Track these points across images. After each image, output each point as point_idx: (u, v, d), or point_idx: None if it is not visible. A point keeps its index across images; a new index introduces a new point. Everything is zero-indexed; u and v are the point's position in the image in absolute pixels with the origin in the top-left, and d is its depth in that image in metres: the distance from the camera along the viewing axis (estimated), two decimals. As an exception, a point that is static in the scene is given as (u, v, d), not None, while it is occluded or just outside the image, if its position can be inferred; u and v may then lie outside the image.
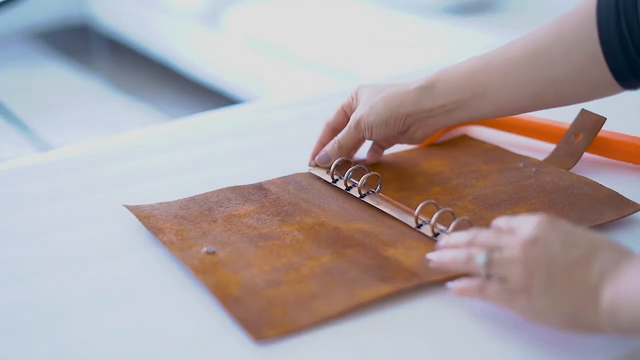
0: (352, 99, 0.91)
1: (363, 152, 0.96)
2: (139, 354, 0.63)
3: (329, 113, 0.94)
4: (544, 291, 0.62)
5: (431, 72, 0.86)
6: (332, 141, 0.91)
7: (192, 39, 3.16)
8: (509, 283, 0.63)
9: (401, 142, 0.91)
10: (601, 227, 0.79)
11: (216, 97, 3.11)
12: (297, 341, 0.63)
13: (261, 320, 0.64)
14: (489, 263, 0.64)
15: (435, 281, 0.69)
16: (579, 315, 0.61)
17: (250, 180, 0.89)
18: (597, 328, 0.61)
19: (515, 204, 0.83)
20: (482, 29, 2.44)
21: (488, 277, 0.65)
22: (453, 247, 0.69)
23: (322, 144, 0.93)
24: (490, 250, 0.65)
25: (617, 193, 0.83)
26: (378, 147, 0.94)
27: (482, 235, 0.67)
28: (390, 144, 0.94)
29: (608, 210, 0.80)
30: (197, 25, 3.10)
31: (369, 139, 0.90)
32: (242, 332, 0.64)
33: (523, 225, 0.64)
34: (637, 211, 0.80)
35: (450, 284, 0.67)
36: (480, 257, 0.65)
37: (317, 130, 0.94)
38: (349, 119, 0.91)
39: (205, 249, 0.74)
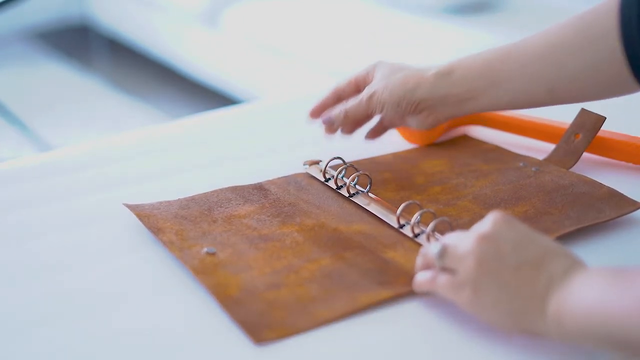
0: (368, 73, 0.91)
1: (362, 151, 0.96)
2: (139, 354, 0.63)
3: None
4: (489, 287, 0.62)
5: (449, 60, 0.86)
6: (340, 108, 0.90)
7: (192, 39, 3.16)
8: (458, 275, 0.64)
9: (409, 125, 0.90)
10: (601, 225, 0.79)
11: (216, 97, 3.11)
12: (296, 341, 0.63)
13: (261, 323, 0.64)
14: (443, 254, 0.65)
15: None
16: (521, 316, 0.61)
17: (251, 180, 0.89)
18: (541, 332, 0.61)
19: (515, 203, 0.83)
20: (482, 29, 2.44)
21: (443, 269, 0.66)
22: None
23: (325, 105, 0.92)
24: (447, 244, 0.66)
25: (617, 191, 0.83)
26: (381, 127, 0.94)
27: (449, 236, 0.68)
28: (396, 125, 0.93)
29: (608, 208, 0.80)
30: (197, 25, 3.10)
31: (379, 115, 0.89)
32: (242, 333, 0.64)
33: (482, 223, 0.65)
34: (637, 209, 0.80)
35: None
36: (434, 248, 0.66)
37: (316, 131, 0.94)
38: (358, 92, 0.90)
39: (205, 249, 0.74)
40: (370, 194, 0.85)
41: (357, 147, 0.97)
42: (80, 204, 0.85)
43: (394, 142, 1.00)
